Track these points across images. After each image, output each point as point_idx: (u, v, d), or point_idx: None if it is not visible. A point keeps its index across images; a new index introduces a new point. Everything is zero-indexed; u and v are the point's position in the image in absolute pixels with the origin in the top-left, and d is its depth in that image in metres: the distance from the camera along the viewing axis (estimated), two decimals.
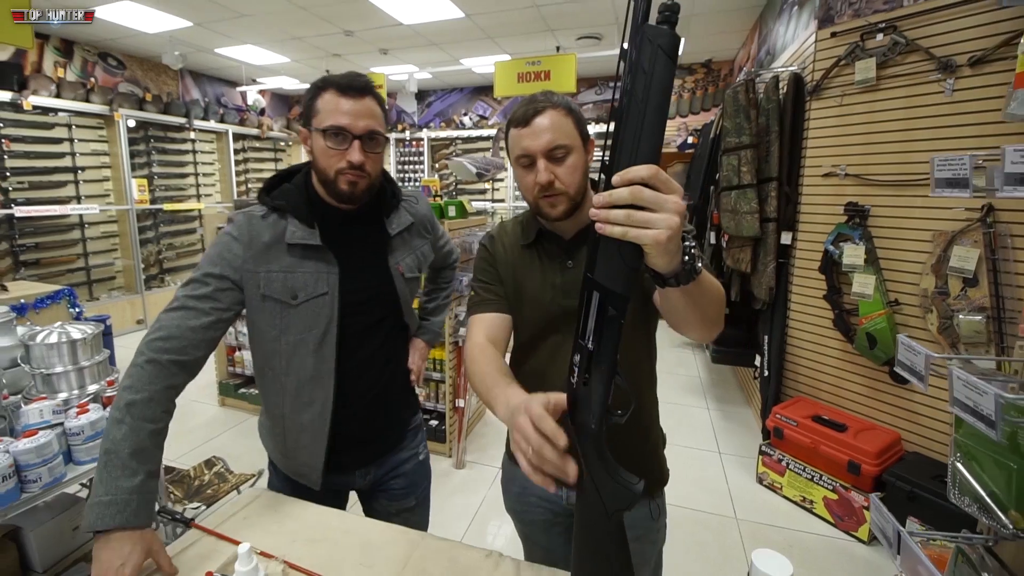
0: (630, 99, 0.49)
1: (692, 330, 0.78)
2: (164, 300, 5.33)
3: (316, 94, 0.96)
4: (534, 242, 0.99)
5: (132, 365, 0.88)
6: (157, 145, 5.37)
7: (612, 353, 0.56)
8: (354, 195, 0.98)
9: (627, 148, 0.50)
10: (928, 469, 2.06)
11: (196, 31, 4.53)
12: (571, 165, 0.87)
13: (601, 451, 0.60)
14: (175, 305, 0.92)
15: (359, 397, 1.07)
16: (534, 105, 0.88)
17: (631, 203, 0.50)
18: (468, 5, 3.92)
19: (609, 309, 0.55)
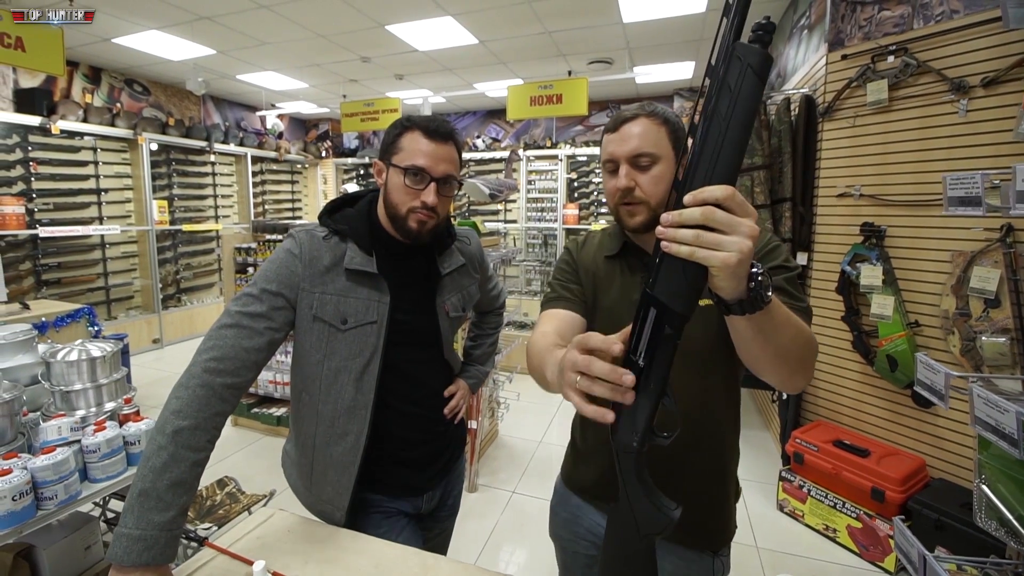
0: (712, 117, 0.47)
1: (767, 371, 0.70)
2: (180, 319, 5.41)
3: (401, 132, 0.98)
4: (618, 254, 0.97)
5: (183, 386, 0.84)
6: (178, 168, 5.52)
7: (664, 373, 0.55)
8: (421, 234, 0.99)
9: (703, 167, 0.49)
10: (956, 496, 1.98)
11: (219, 58, 4.69)
12: (656, 175, 0.84)
13: (640, 471, 0.60)
14: (229, 322, 0.89)
15: (394, 438, 1.05)
16: (627, 112, 0.87)
17: (702, 224, 0.48)
18: (482, 32, 4.02)
19: (666, 328, 0.53)
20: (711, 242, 0.48)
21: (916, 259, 2.17)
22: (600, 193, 6.36)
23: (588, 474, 1.03)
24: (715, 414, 0.93)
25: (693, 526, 0.84)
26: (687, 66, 5.04)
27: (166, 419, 0.81)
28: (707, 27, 3.95)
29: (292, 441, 1.09)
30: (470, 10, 3.58)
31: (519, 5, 3.46)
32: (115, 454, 1.41)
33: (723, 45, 0.48)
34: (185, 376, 0.85)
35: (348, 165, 7.65)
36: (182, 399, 0.83)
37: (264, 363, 0.92)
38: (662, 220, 0.50)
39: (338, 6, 3.53)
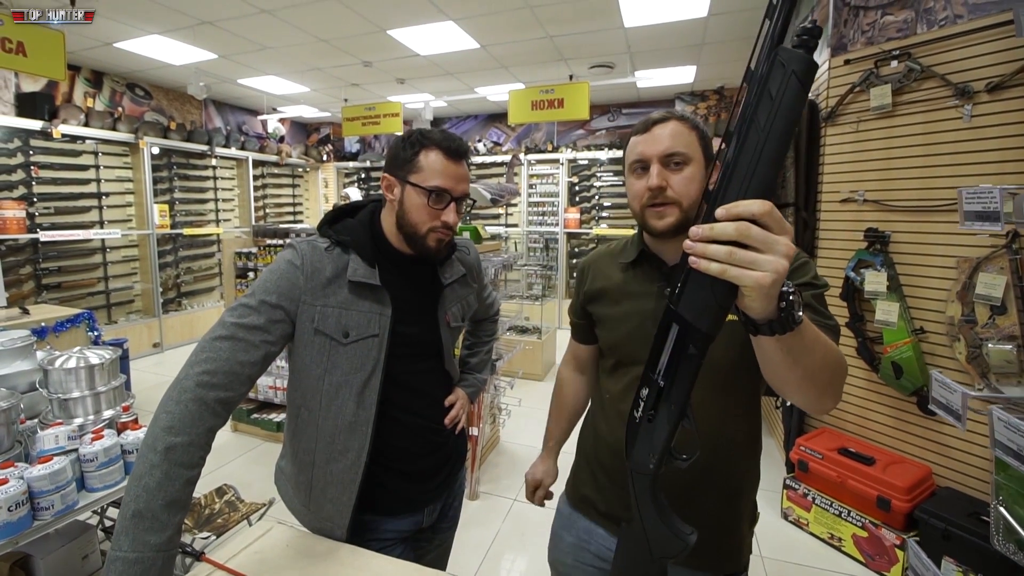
0: (750, 125, 0.45)
1: (795, 393, 0.67)
2: (180, 324, 5.39)
3: (418, 150, 0.95)
4: (634, 262, 0.95)
5: (173, 401, 0.80)
6: (179, 171, 5.51)
7: (685, 393, 0.53)
8: (439, 252, 1.00)
9: (738, 178, 0.46)
10: (963, 506, 1.96)
11: (221, 63, 4.70)
12: (688, 176, 0.83)
13: (656, 493, 0.58)
14: (224, 334, 0.86)
15: (396, 450, 1.03)
16: (657, 116, 0.87)
17: (735, 240, 0.45)
18: (484, 37, 4.02)
19: (689, 347, 0.51)
20: (745, 260, 0.45)
21: (921, 265, 2.15)
22: (601, 197, 6.35)
23: (602, 493, 1.00)
24: (733, 435, 0.89)
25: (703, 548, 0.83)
26: (688, 70, 5.04)
27: (157, 436, 0.77)
28: (709, 31, 3.95)
29: (288, 457, 1.05)
30: (472, 15, 3.58)
31: (521, 10, 3.46)
32: (113, 463, 1.40)
33: (765, 49, 0.45)
34: (176, 390, 0.81)
35: (349, 169, 7.66)
36: (173, 414, 0.79)
37: (258, 377, 0.90)
38: (691, 234, 0.47)
39: (340, 11, 3.53)
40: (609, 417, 0.97)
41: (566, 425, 1.19)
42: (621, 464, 0.92)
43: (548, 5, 3.41)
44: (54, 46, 3.24)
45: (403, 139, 0.98)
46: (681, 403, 0.54)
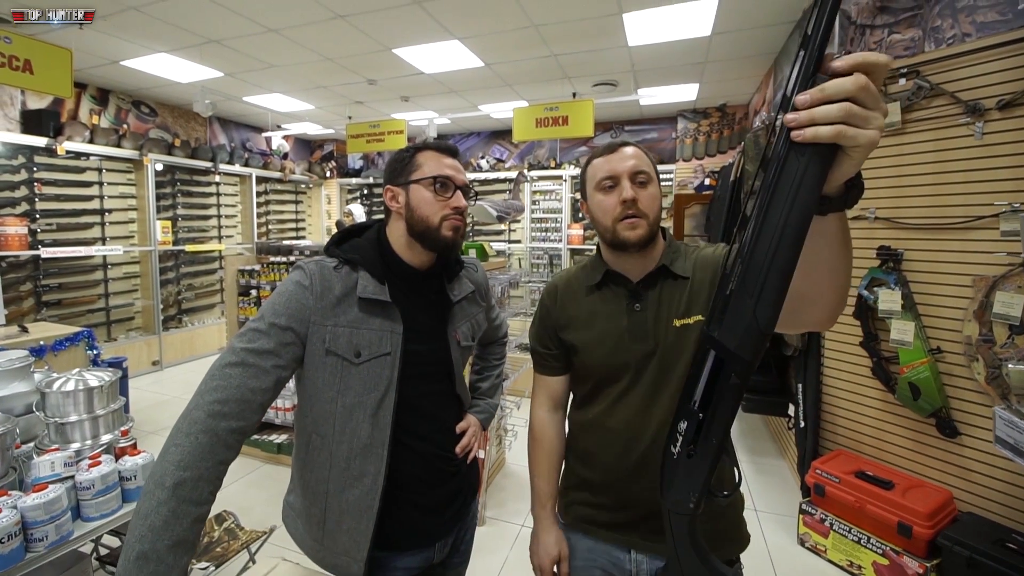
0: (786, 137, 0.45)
1: (837, 285, 0.62)
2: (181, 341, 5.35)
3: (413, 155, 1.00)
4: (599, 284, 0.99)
5: (183, 433, 0.76)
6: (183, 188, 5.53)
7: (726, 426, 0.50)
8: (456, 242, 0.99)
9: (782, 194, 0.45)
10: (988, 532, 1.89)
11: (227, 81, 4.73)
12: (652, 194, 0.92)
13: (694, 533, 0.54)
14: (234, 360, 0.83)
15: (406, 478, 0.98)
16: (618, 141, 0.96)
17: (853, 97, 0.42)
18: (488, 55, 4.05)
19: (731, 376, 0.48)
20: (860, 117, 0.42)
21: (936, 283, 2.12)
22: None
23: (602, 509, 0.99)
24: None
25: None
26: (691, 88, 5.07)
27: (165, 471, 0.73)
28: (712, 50, 3.98)
29: (297, 492, 1.01)
30: (477, 34, 3.61)
31: (526, 29, 3.49)
32: (110, 491, 1.35)
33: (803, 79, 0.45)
34: (185, 421, 0.78)
35: (352, 185, 7.68)
36: (183, 448, 0.75)
37: (270, 404, 0.86)
38: (798, 101, 0.44)
39: (346, 30, 3.56)
40: (598, 435, 0.97)
41: (557, 478, 1.11)
42: (617, 478, 0.94)
43: (553, 24, 3.44)
44: (61, 63, 3.25)
45: (399, 154, 1.03)
46: (721, 436, 0.51)
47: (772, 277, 0.46)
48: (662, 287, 0.94)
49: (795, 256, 0.46)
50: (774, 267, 0.46)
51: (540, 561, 1.02)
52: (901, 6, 2.19)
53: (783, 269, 0.46)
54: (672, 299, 0.92)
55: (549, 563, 1.01)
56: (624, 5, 3.13)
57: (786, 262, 0.46)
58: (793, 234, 0.45)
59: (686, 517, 0.54)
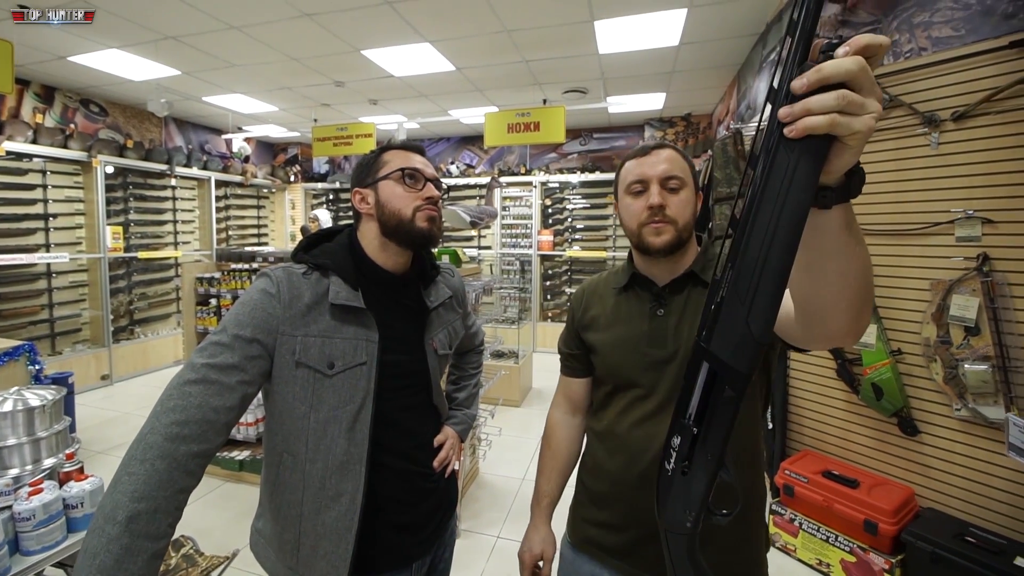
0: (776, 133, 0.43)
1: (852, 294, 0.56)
2: (133, 353, 5.05)
3: (378, 155, 0.98)
4: (626, 287, 0.97)
5: (137, 460, 0.69)
6: (136, 192, 5.25)
7: (722, 440, 0.47)
8: (433, 234, 0.96)
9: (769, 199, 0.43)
10: (948, 527, 1.96)
11: (184, 79, 4.52)
12: (684, 198, 0.89)
13: (693, 554, 0.51)
14: (194, 377, 0.76)
15: (389, 495, 0.93)
16: (653, 143, 0.93)
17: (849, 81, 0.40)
18: (460, 60, 4.02)
19: (726, 389, 0.46)
20: (856, 104, 0.40)
21: (896, 287, 2.20)
22: (574, 219, 6.40)
23: (606, 529, 0.94)
24: (741, 456, 0.88)
25: None
26: (658, 97, 5.17)
27: (117, 503, 0.66)
28: (679, 60, 4.07)
29: (267, 516, 0.93)
30: (449, 37, 3.57)
31: (498, 34, 3.48)
32: (53, 520, 1.23)
33: (788, 68, 0.42)
34: (140, 447, 0.70)
35: (318, 190, 7.49)
36: (138, 476, 0.68)
37: (234, 424, 0.79)
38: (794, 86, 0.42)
39: (313, 30, 3.46)
40: (608, 444, 0.95)
41: (559, 480, 1.08)
42: (622, 490, 0.90)
43: (526, 30, 3.44)
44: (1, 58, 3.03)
45: (362, 158, 1.02)
46: (718, 451, 0.48)
47: (765, 283, 0.43)
48: (689, 293, 0.92)
49: (789, 258, 0.43)
50: (767, 271, 0.43)
51: (523, 555, 1.03)
52: (861, 20, 2.28)
53: (777, 273, 0.43)
54: (699, 307, 0.89)
55: (530, 559, 1.02)
56: (596, 13, 3.16)
57: (779, 265, 0.43)
58: (786, 235, 0.43)
59: (683, 537, 0.52)
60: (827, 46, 0.42)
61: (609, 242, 6.29)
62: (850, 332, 0.61)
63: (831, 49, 0.41)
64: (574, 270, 6.47)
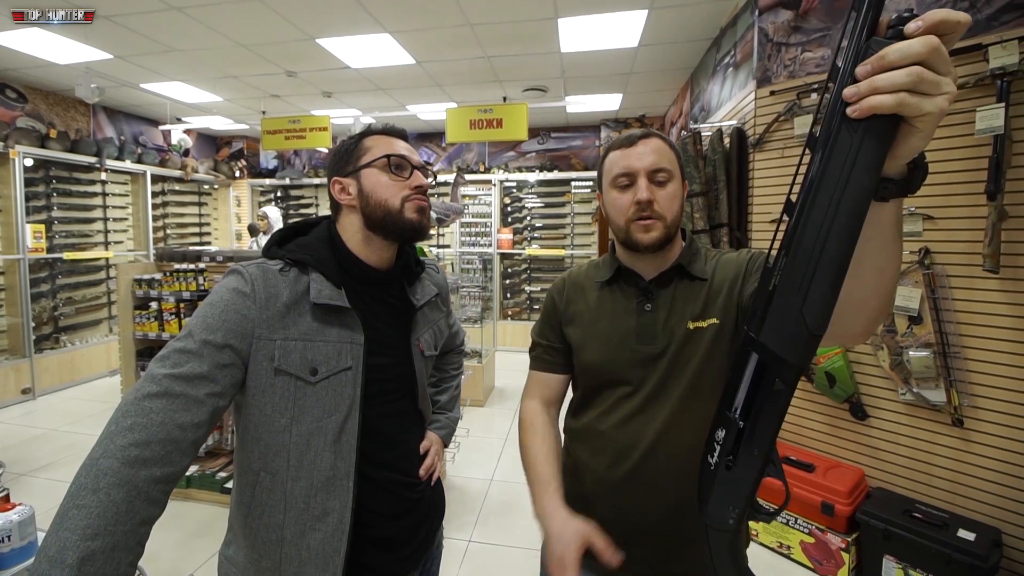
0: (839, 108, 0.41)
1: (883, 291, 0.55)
2: (58, 364, 4.61)
3: (359, 141, 0.91)
4: (610, 280, 0.93)
5: (88, 489, 0.59)
6: (60, 187, 4.80)
7: (771, 435, 0.46)
8: (423, 226, 0.89)
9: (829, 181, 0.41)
10: (896, 504, 2.09)
11: (117, 64, 4.17)
12: (671, 192, 0.86)
13: (735, 552, 0.49)
14: (155, 390, 0.67)
15: (375, 510, 0.86)
16: (640, 132, 0.88)
17: (923, 61, 0.39)
18: (420, 53, 3.93)
19: (776, 381, 0.44)
20: (931, 82, 0.39)
21: None
22: (533, 218, 6.43)
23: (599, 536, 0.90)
24: None
25: None
26: (615, 98, 5.27)
27: (66, 543, 0.56)
28: (637, 61, 4.15)
29: (240, 542, 0.83)
30: (410, 29, 3.47)
31: (461, 28, 3.42)
32: None
33: (853, 45, 0.41)
34: (91, 474, 0.60)
35: (266, 187, 7.13)
36: (89, 509, 0.58)
37: (203, 443, 0.71)
38: (858, 72, 0.40)
39: (265, 14, 3.27)
40: (590, 443, 0.92)
41: (557, 463, 0.99)
42: (607, 494, 0.87)
43: (489, 24, 3.40)
44: None
45: (340, 145, 0.93)
46: (766, 447, 0.47)
47: (823, 272, 0.42)
48: (676, 287, 0.89)
49: (850, 247, 0.42)
50: (824, 260, 0.42)
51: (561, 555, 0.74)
52: (813, 27, 2.39)
53: (836, 262, 0.42)
54: (687, 300, 0.88)
55: (575, 551, 0.74)
56: (560, 10, 3.16)
57: (839, 254, 0.42)
58: (847, 221, 0.42)
59: (726, 534, 0.50)
60: (897, 20, 0.40)
61: (567, 240, 6.36)
62: (865, 333, 0.60)
63: (901, 23, 0.39)
64: (533, 268, 6.49)
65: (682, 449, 0.83)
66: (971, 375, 1.96)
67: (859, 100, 0.40)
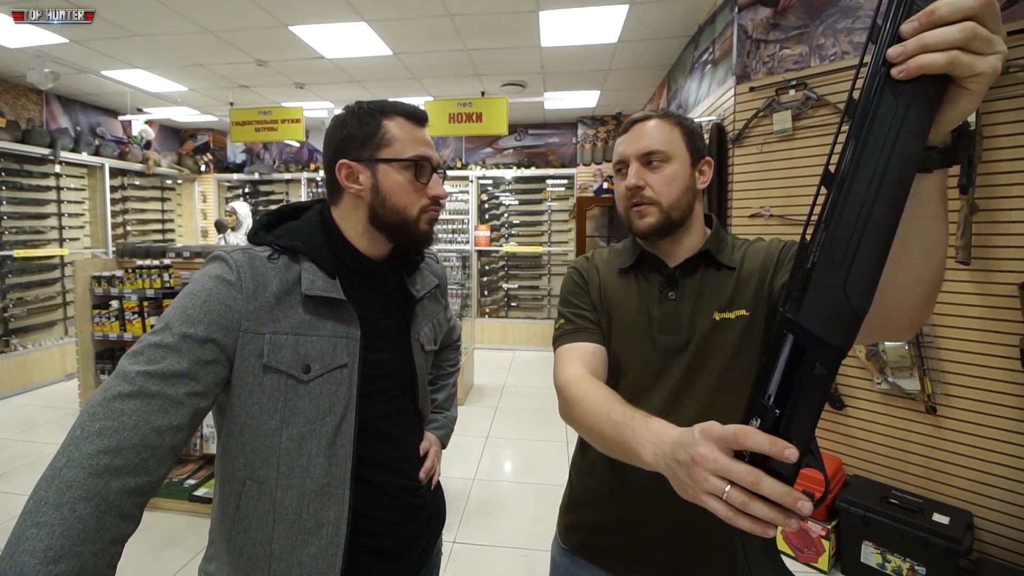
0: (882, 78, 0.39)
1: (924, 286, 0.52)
2: (9, 369, 4.34)
3: (380, 120, 0.80)
4: (633, 266, 0.89)
5: (51, 505, 0.52)
6: (9, 180, 4.52)
7: (811, 423, 0.42)
8: (431, 236, 0.84)
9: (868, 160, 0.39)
10: (874, 492, 2.14)
11: (72, 49, 3.93)
12: (668, 175, 0.81)
13: (772, 551, 0.47)
14: (127, 390, 0.60)
15: (375, 517, 0.81)
16: (640, 115, 0.85)
17: (974, 16, 0.37)
18: (398, 44, 3.84)
19: (816, 365, 0.41)
20: (983, 40, 0.36)
21: None
22: (511, 215, 6.41)
23: (602, 532, 0.87)
24: None
25: None
26: (592, 95, 5.28)
27: (23, 567, 0.49)
28: (616, 58, 4.16)
29: (222, 557, 0.76)
30: (388, 18, 3.38)
31: (441, 18, 3.35)
32: None
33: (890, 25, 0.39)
34: (52, 487, 0.53)
35: (233, 182, 6.88)
36: (51, 527, 0.51)
37: (182, 449, 0.64)
38: (905, 30, 0.38)
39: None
40: None
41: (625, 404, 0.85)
42: (625, 496, 0.83)
43: (470, 15, 3.34)
44: None
45: (351, 115, 0.82)
46: (805, 435, 0.44)
47: (866, 245, 0.40)
48: (703, 275, 0.84)
49: (895, 220, 0.40)
50: (869, 231, 0.40)
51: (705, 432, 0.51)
52: (791, 24, 2.43)
53: (880, 234, 0.40)
54: (715, 289, 0.83)
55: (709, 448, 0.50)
56: (542, 3, 3.13)
57: (883, 225, 0.40)
58: (892, 189, 0.39)
59: None
60: None
61: (545, 237, 6.35)
62: (911, 326, 0.56)
63: None
64: (511, 266, 6.46)
65: None
66: (944, 364, 2.03)
67: (906, 60, 0.38)
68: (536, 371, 5.27)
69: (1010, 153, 1.83)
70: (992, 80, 0.38)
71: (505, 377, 5.07)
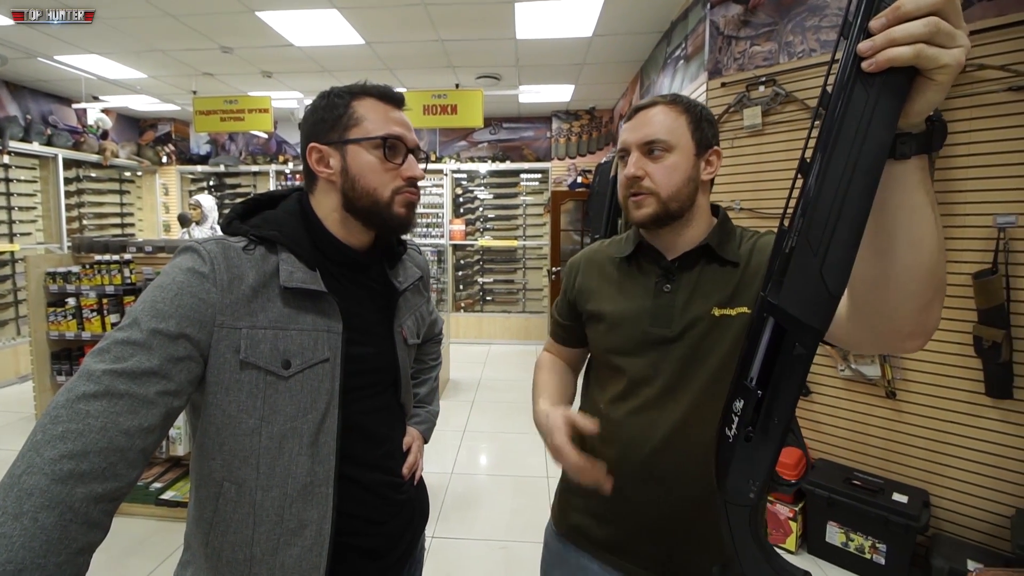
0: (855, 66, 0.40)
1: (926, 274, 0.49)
2: None
3: (349, 101, 0.78)
4: (632, 255, 0.89)
5: (10, 515, 0.49)
6: None
7: (790, 403, 0.44)
8: (410, 221, 0.81)
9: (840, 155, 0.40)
10: (838, 474, 2.24)
11: (21, 31, 3.70)
12: (669, 165, 0.80)
13: (756, 529, 0.48)
14: (92, 390, 0.56)
15: (358, 515, 0.79)
16: (646, 101, 0.85)
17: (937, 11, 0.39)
18: (370, 32, 3.75)
19: (795, 346, 0.43)
20: (946, 33, 0.39)
21: None
22: (485, 208, 6.38)
23: (597, 519, 0.87)
24: None
25: None
26: (567, 89, 5.30)
27: None
28: (590, 52, 4.18)
29: (199, 563, 0.73)
30: (360, 5, 3.30)
31: (415, 7, 3.29)
32: None
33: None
34: (11, 496, 0.50)
35: (197, 174, 6.64)
36: (11, 539, 0.48)
37: (153, 452, 0.61)
38: (873, 25, 0.39)
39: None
40: (601, 431, 0.86)
41: (559, 382, 0.98)
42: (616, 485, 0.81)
43: (444, 5, 3.29)
44: None
45: (322, 99, 0.80)
46: (785, 416, 0.45)
47: (840, 231, 0.42)
48: (702, 270, 0.83)
49: (867, 204, 0.42)
50: (843, 219, 0.42)
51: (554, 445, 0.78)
52: (761, 21, 2.48)
53: (853, 221, 0.42)
54: (714, 285, 0.81)
55: (562, 435, 0.77)
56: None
57: (856, 212, 0.42)
58: (863, 178, 0.41)
59: (745, 508, 0.49)
60: None
61: (520, 231, 6.36)
62: (919, 331, 0.53)
63: None
64: (486, 260, 6.45)
65: (700, 448, 0.77)
66: None
67: (875, 54, 0.39)
68: (512, 364, 5.28)
69: (965, 149, 1.92)
70: (957, 72, 0.41)
71: (481, 371, 5.06)
